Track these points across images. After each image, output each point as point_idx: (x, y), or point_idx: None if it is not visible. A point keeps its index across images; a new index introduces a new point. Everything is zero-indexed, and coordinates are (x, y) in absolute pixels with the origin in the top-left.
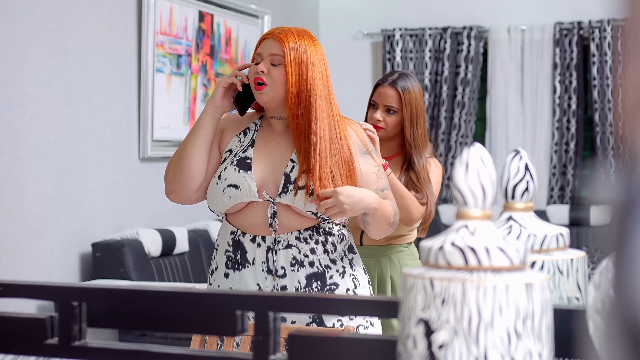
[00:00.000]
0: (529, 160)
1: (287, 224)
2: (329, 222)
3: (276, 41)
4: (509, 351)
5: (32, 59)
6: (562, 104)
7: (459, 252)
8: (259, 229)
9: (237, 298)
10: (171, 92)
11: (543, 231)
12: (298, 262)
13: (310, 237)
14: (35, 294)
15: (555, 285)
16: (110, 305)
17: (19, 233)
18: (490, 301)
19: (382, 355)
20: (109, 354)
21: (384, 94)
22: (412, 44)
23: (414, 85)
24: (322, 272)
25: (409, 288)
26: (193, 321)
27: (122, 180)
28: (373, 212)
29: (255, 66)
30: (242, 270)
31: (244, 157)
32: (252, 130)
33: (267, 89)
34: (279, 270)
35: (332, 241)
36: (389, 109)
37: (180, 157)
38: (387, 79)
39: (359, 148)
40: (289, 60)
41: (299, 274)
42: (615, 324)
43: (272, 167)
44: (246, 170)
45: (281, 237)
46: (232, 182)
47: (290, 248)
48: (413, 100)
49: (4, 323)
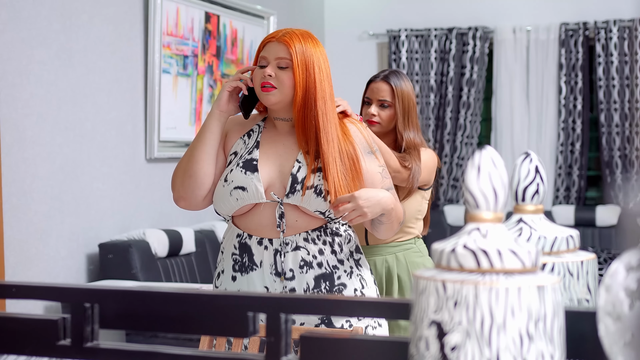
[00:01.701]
0: (539, 163)
1: (296, 224)
2: (335, 223)
3: (282, 44)
4: (521, 353)
5: (38, 60)
6: (567, 105)
7: (471, 254)
8: (266, 231)
9: (248, 299)
10: (177, 93)
11: (553, 233)
12: (307, 264)
13: (318, 237)
14: (48, 295)
15: (566, 287)
16: (122, 306)
17: (25, 233)
18: (503, 303)
19: (393, 357)
20: (121, 355)
21: (377, 89)
22: (418, 45)
23: (406, 81)
24: (330, 272)
25: (422, 290)
26: (204, 322)
27: (129, 180)
28: (389, 212)
29: (261, 70)
30: (250, 273)
31: (249, 158)
32: (256, 132)
33: (276, 92)
34: (288, 273)
35: (339, 242)
36: (382, 104)
37: (188, 163)
38: (379, 75)
39: (364, 148)
40: (296, 63)
41: (307, 276)
42: None
43: (278, 168)
44: (253, 172)
45: (289, 239)
46: (239, 184)
47: (299, 250)
48: (406, 94)
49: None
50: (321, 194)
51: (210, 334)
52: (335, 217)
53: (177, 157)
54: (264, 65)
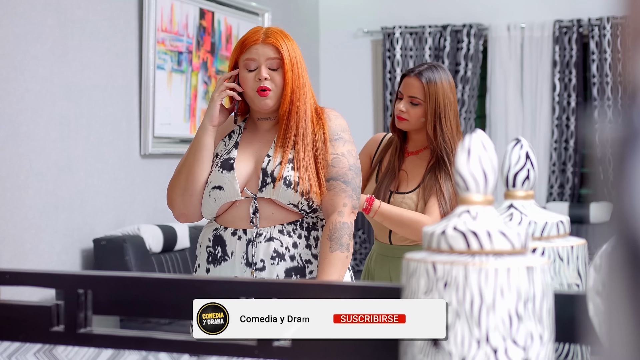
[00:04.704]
0: (530, 149)
1: (272, 217)
2: (312, 217)
3: (269, 46)
4: (511, 333)
5: (33, 55)
6: (561, 102)
7: (461, 236)
8: (242, 224)
9: (240, 285)
10: (172, 89)
11: (543, 219)
12: (279, 255)
13: (293, 231)
14: (41, 281)
15: (556, 272)
16: (115, 292)
17: (20, 228)
18: (492, 284)
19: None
20: (114, 341)
21: (409, 85)
22: (412, 42)
23: (443, 77)
24: (301, 266)
25: (412, 272)
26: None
27: (123, 176)
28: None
29: (251, 73)
30: (221, 264)
31: (227, 158)
32: (237, 132)
33: (272, 94)
34: (258, 263)
35: (315, 236)
36: (412, 100)
37: (187, 182)
38: (414, 70)
39: (334, 134)
40: (287, 62)
41: (278, 268)
42: (616, 255)
43: (254, 164)
44: (229, 170)
45: (263, 230)
46: (217, 183)
47: (272, 241)
48: (440, 93)
49: (10, 311)
50: (290, 185)
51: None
52: (310, 211)
53: (171, 153)
54: (252, 69)
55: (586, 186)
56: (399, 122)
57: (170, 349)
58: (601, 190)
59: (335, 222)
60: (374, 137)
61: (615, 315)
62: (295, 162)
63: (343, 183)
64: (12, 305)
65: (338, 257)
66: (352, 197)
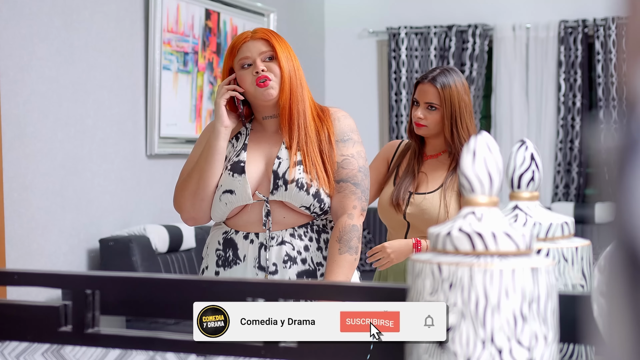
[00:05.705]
0: (535, 150)
1: (284, 221)
2: (322, 220)
3: (260, 40)
4: (515, 334)
5: (39, 56)
6: (566, 102)
7: (466, 237)
8: (254, 227)
9: (247, 285)
10: (178, 90)
11: (548, 220)
12: (291, 259)
13: (304, 234)
14: (49, 282)
15: (561, 272)
16: (122, 293)
17: (27, 229)
18: (497, 285)
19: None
20: (121, 341)
21: (424, 91)
22: (418, 42)
23: (456, 80)
24: (313, 269)
25: (417, 273)
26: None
27: (129, 176)
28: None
29: (247, 70)
30: (232, 267)
31: (237, 161)
32: (244, 134)
33: (273, 83)
34: (271, 267)
35: (325, 238)
36: (430, 106)
37: (199, 187)
38: (427, 76)
39: (343, 134)
40: (280, 51)
41: (290, 271)
42: (616, 260)
43: (264, 167)
44: (240, 174)
45: (275, 234)
46: (228, 187)
47: (284, 244)
48: (455, 96)
49: (18, 311)
50: (303, 188)
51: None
52: (321, 213)
53: (177, 153)
54: (246, 66)
55: (591, 186)
56: (418, 128)
57: (177, 349)
58: (606, 190)
59: (345, 224)
60: (390, 143)
61: (616, 316)
62: (304, 160)
63: (353, 185)
64: (20, 305)
65: (346, 259)
66: (362, 200)
